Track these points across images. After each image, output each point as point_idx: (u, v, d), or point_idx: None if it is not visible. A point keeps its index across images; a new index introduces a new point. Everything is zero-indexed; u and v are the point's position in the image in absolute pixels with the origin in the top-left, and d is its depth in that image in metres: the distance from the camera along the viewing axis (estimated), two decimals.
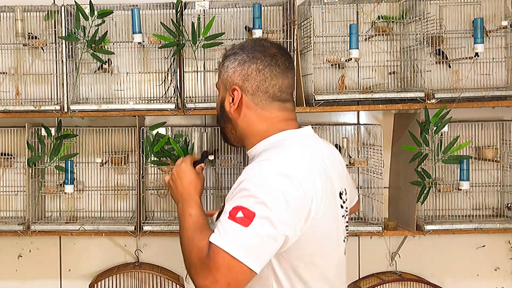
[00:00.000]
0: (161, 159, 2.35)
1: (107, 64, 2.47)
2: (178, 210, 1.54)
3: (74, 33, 2.36)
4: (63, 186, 2.44)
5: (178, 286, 2.49)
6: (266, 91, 1.45)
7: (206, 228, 1.41)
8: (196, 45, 2.30)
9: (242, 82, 1.45)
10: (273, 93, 1.46)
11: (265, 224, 1.26)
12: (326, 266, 1.44)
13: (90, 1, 2.30)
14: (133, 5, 2.38)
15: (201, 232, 1.39)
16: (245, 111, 1.47)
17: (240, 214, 1.27)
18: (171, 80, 2.48)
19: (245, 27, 2.48)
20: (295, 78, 1.75)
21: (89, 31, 2.34)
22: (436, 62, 2.48)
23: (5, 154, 2.57)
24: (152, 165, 2.43)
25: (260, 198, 1.28)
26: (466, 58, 2.43)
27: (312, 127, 1.55)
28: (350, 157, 2.49)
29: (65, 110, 2.35)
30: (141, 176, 2.39)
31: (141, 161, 2.38)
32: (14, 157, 2.57)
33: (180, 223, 1.50)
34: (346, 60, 2.42)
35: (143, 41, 2.41)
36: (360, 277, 2.62)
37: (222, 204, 1.46)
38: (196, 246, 1.34)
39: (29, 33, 2.47)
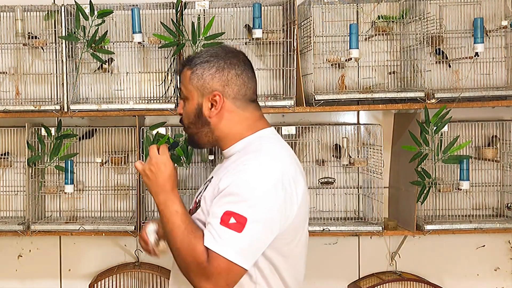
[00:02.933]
0: None
1: (107, 64, 2.47)
2: (159, 204, 1.51)
3: (74, 33, 2.36)
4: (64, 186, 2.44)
5: None
6: (245, 93, 1.54)
7: (196, 229, 1.44)
8: (196, 45, 2.30)
9: (222, 87, 1.52)
10: (250, 95, 1.55)
11: (257, 228, 1.37)
12: (299, 255, 1.55)
13: (90, 1, 2.30)
14: (133, 5, 2.38)
15: (194, 234, 1.41)
16: (226, 115, 1.53)
17: (232, 220, 1.35)
18: (171, 80, 2.48)
19: (245, 25, 2.48)
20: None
21: (89, 31, 2.34)
22: (436, 62, 2.48)
23: (5, 154, 2.57)
24: None
25: (250, 202, 1.37)
26: (466, 58, 2.43)
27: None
28: (350, 157, 2.49)
29: (65, 110, 2.35)
30: (141, 176, 2.39)
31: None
32: (13, 157, 2.57)
33: (164, 218, 1.47)
34: (346, 60, 2.42)
35: (143, 41, 2.41)
36: (360, 277, 2.62)
37: (197, 199, 1.57)
38: (193, 250, 1.39)
39: (29, 33, 2.48)
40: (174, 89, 2.42)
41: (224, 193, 1.41)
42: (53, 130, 2.41)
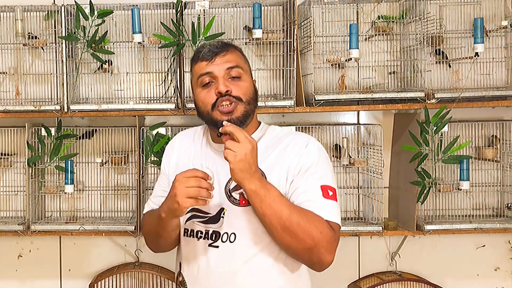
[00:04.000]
0: (161, 159, 2.34)
1: (107, 64, 2.47)
2: (255, 190, 1.43)
3: (74, 33, 2.36)
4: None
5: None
6: None
7: (299, 207, 1.47)
8: (196, 45, 2.30)
9: None
10: None
11: (337, 192, 1.55)
12: None
13: (90, 1, 2.30)
14: (133, 5, 2.38)
15: (304, 212, 1.45)
16: None
17: (330, 192, 1.51)
18: (171, 80, 2.48)
19: (245, 26, 2.48)
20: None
21: (89, 31, 2.34)
22: (436, 62, 2.48)
23: (5, 154, 2.57)
24: (152, 165, 2.42)
25: (330, 173, 1.56)
26: (466, 58, 2.43)
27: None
28: (350, 157, 2.49)
29: (65, 110, 2.35)
30: (141, 176, 2.39)
31: (141, 161, 2.38)
32: (12, 157, 2.57)
33: (263, 204, 1.43)
34: (346, 60, 2.42)
35: (143, 41, 2.41)
36: (360, 277, 2.62)
37: (239, 192, 1.53)
38: (317, 227, 1.43)
39: (29, 33, 2.48)
40: (174, 89, 2.42)
41: (308, 171, 1.51)
42: (53, 130, 2.41)
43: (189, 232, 1.60)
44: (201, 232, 1.56)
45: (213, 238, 1.54)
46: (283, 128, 1.69)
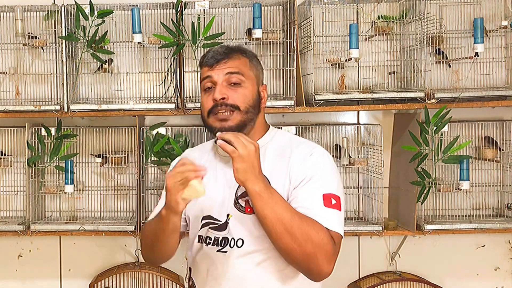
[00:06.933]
0: (161, 159, 2.35)
1: (107, 64, 2.47)
2: (259, 192, 1.43)
3: (74, 33, 2.36)
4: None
5: (178, 286, 2.49)
6: None
7: (302, 214, 1.45)
8: (196, 45, 2.30)
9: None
10: None
11: (343, 201, 1.53)
12: None
13: (90, 1, 2.30)
14: (133, 5, 2.38)
15: (306, 219, 1.43)
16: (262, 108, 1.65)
17: (333, 201, 1.48)
18: (171, 80, 2.48)
19: (247, 30, 2.47)
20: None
21: (89, 31, 2.34)
22: (436, 62, 2.48)
23: (5, 154, 2.57)
24: (152, 165, 2.43)
25: (336, 182, 1.53)
26: (466, 58, 2.43)
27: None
28: (350, 157, 2.49)
29: (65, 110, 2.35)
30: (141, 176, 2.39)
31: (141, 161, 2.38)
32: (12, 157, 2.57)
33: (266, 207, 1.42)
34: (346, 60, 2.42)
35: (143, 41, 2.41)
36: (360, 277, 2.62)
37: (245, 200, 1.53)
38: (317, 235, 1.41)
39: (29, 33, 2.48)
40: (174, 89, 2.42)
41: (310, 180, 1.50)
42: (53, 130, 2.41)
43: (202, 239, 1.60)
44: (210, 238, 1.57)
45: (222, 244, 1.55)
46: (293, 136, 1.69)
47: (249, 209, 1.52)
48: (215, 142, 1.49)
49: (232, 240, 1.53)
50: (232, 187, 1.55)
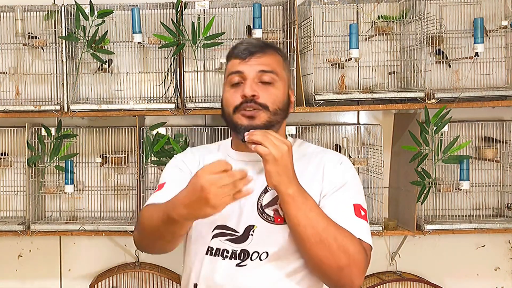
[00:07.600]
0: (161, 159, 2.35)
1: (107, 64, 2.47)
2: (293, 196, 1.32)
3: (74, 33, 2.36)
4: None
5: (178, 285, 2.49)
6: None
7: (335, 222, 1.36)
8: (196, 45, 2.30)
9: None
10: None
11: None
12: None
13: (90, 1, 2.30)
14: (133, 5, 2.38)
15: (341, 228, 1.35)
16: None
17: (362, 212, 1.43)
18: (171, 80, 2.48)
19: (247, 26, 2.48)
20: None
21: (89, 31, 2.34)
22: (436, 62, 2.48)
23: (5, 154, 2.57)
24: (152, 165, 2.42)
25: (362, 194, 1.50)
26: (466, 58, 2.43)
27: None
28: (350, 157, 2.49)
29: (65, 110, 2.35)
30: (141, 176, 2.39)
31: (141, 161, 2.38)
32: (12, 157, 2.57)
33: (299, 213, 1.32)
34: (346, 60, 2.42)
35: (143, 41, 2.41)
36: None
37: (274, 208, 1.43)
38: (356, 245, 1.34)
39: (29, 33, 2.47)
40: (174, 89, 2.42)
41: (342, 188, 1.44)
42: (53, 130, 2.41)
43: (214, 251, 1.45)
44: (228, 251, 1.43)
45: (241, 258, 1.41)
46: (312, 144, 1.64)
47: (279, 219, 1.41)
48: (242, 141, 1.38)
49: (255, 253, 1.41)
50: (251, 196, 1.30)
